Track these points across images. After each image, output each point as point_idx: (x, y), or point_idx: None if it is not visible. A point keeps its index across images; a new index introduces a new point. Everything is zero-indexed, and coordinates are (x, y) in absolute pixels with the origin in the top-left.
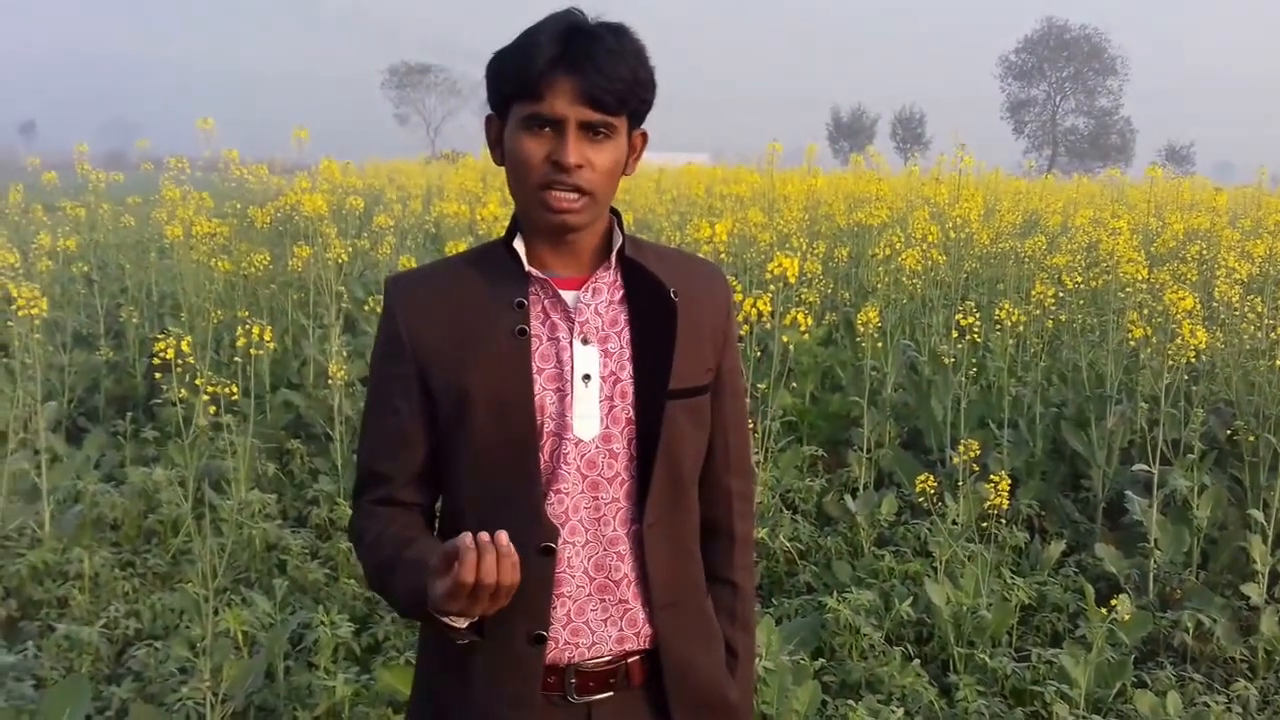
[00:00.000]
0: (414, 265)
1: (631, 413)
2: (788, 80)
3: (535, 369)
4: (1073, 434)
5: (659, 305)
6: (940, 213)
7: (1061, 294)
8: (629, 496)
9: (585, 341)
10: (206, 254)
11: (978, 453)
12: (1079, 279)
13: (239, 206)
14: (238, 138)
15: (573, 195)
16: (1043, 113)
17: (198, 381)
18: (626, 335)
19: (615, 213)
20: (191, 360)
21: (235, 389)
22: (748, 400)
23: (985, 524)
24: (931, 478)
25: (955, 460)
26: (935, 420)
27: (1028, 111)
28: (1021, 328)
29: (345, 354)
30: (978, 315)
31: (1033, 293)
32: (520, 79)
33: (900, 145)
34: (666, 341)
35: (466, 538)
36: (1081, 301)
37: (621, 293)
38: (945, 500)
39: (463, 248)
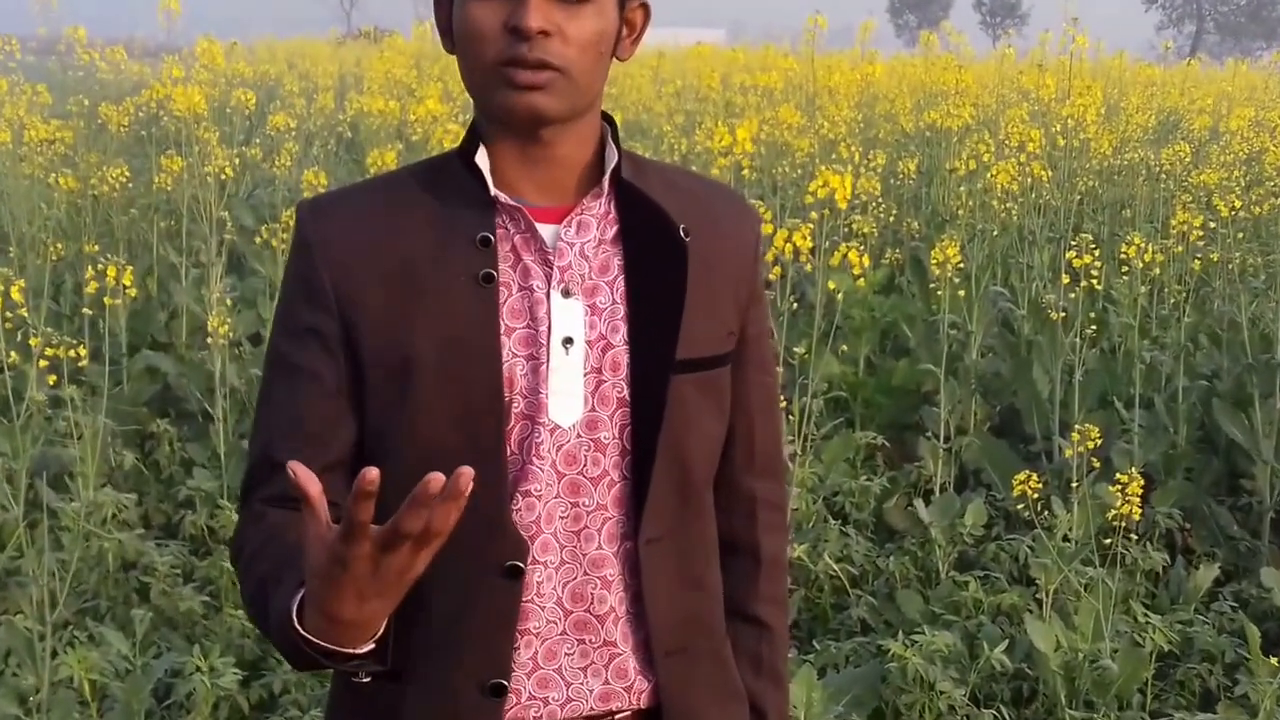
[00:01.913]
0: (324, 181)
1: (625, 390)
2: None
3: (503, 328)
4: (1229, 417)
5: (665, 247)
6: (1044, 112)
7: (1213, 223)
8: (620, 504)
9: (567, 293)
10: (43, 167)
11: (1098, 442)
12: (1236, 203)
13: (87, 104)
14: (85, 11)
15: (541, 72)
16: None
17: (31, 341)
18: (621, 286)
19: (609, 120)
20: (24, 312)
21: (82, 350)
22: (779, 372)
23: (1109, 540)
24: (1034, 476)
25: (1067, 452)
26: (1039, 397)
27: None
28: (1158, 270)
29: (230, 303)
30: (1097, 253)
31: (1173, 222)
32: None
33: (987, 20)
34: (674, 295)
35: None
36: (1241, 234)
37: (616, 229)
38: (1053, 508)
39: (390, 158)
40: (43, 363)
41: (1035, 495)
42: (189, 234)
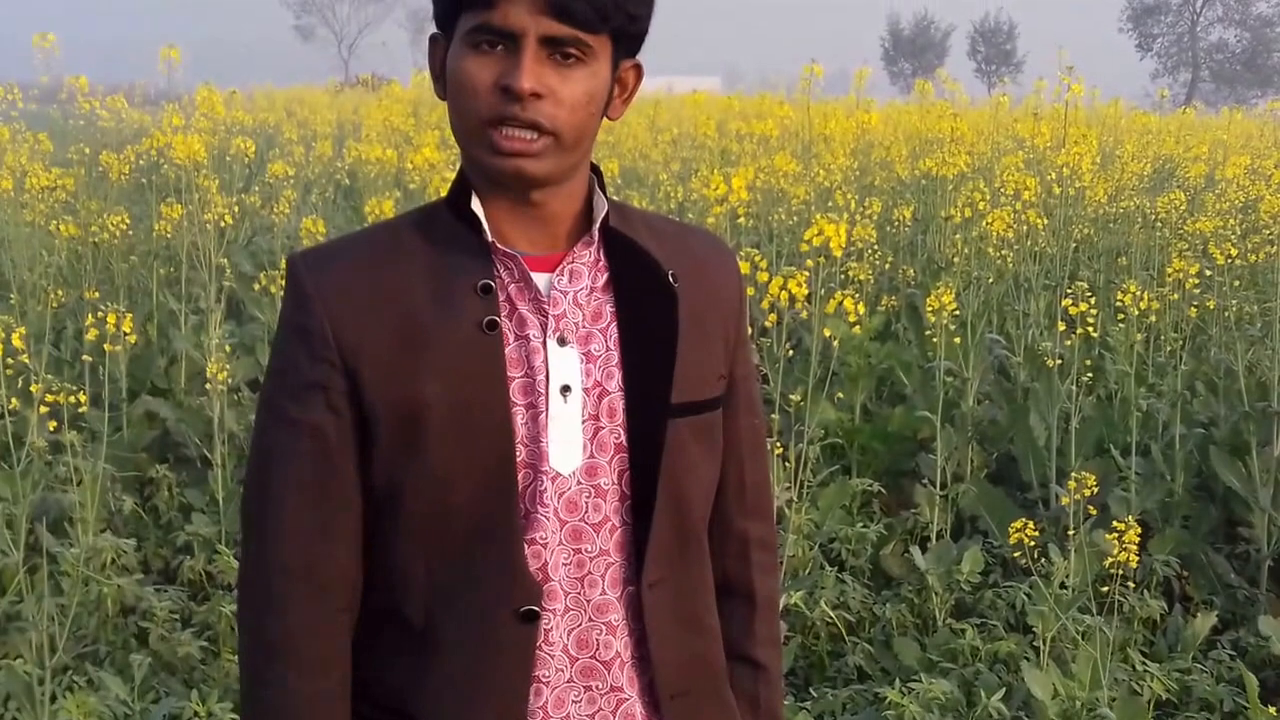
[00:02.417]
0: (321, 228)
1: (623, 436)
2: None
3: None
4: (1226, 464)
5: (655, 293)
6: (1039, 159)
7: (1209, 271)
8: (621, 548)
9: (563, 341)
10: (44, 214)
11: (1095, 489)
12: (1232, 251)
13: (88, 152)
14: (87, 59)
15: (529, 134)
16: (1178, 23)
17: (32, 387)
18: (614, 333)
19: (596, 170)
20: (24, 358)
21: (83, 396)
22: (773, 417)
23: (1106, 588)
24: (1031, 524)
25: (1064, 500)
26: (1035, 444)
27: (1157, 21)
28: (1153, 317)
29: (229, 349)
30: (1092, 300)
31: (1169, 270)
32: None
33: (982, 67)
34: (666, 340)
35: None
36: (1237, 282)
37: (605, 277)
38: (1050, 555)
39: (388, 207)
40: (43, 408)
41: (1032, 543)
42: (188, 280)
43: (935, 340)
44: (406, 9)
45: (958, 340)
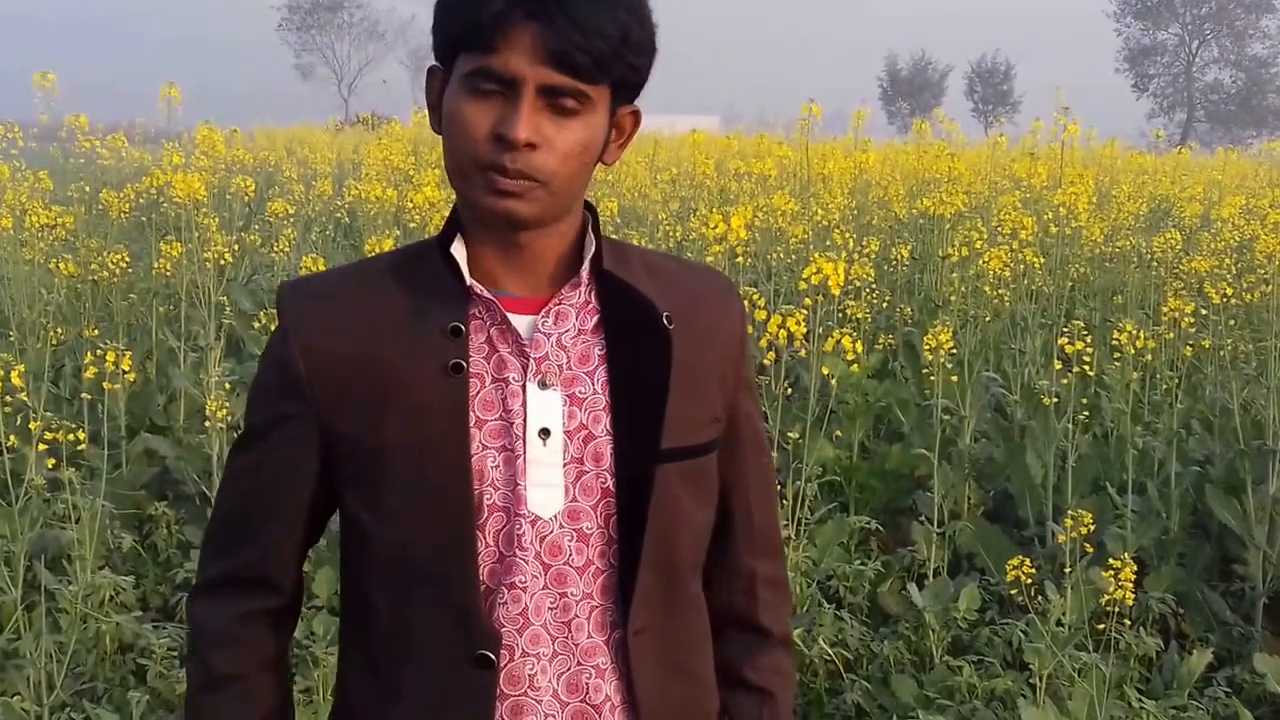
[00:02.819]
0: (321, 266)
1: (609, 481)
2: (827, 20)
3: (473, 420)
4: (1221, 502)
5: (647, 336)
6: (1036, 199)
7: (1204, 310)
8: (607, 592)
9: (544, 384)
10: (44, 252)
11: (1091, 527)
12: (1228, 290)
13: (88, 190)
14: (87, 98)
15: (520, 182)
16: (1174, 64)
17: (31, 424)
18: (603, 376)
19: (590, 209)
20: (24, 395)
21: (81, 433)
22: (771, 454)
23: (1102, 625)
24: (1027, 561)
25: (1060, 538)
26: (1032, 482)
27: (1153, 62)
28: (1149, 356)
29: (228, 386)
30: (1089, 339)
31: (1164, 308)
32: (468, 20)
33: (980, 107)
34: (657, 384)
35: None
36: (1232, 321)
37: (596, 318)
38: (1046, 592)
39: (388, 245)
40: (42, 446)
41: (1029, 580)
42: (188, 318)
43: (932, 378)
44: (407, 47)
45: (955, 378)
